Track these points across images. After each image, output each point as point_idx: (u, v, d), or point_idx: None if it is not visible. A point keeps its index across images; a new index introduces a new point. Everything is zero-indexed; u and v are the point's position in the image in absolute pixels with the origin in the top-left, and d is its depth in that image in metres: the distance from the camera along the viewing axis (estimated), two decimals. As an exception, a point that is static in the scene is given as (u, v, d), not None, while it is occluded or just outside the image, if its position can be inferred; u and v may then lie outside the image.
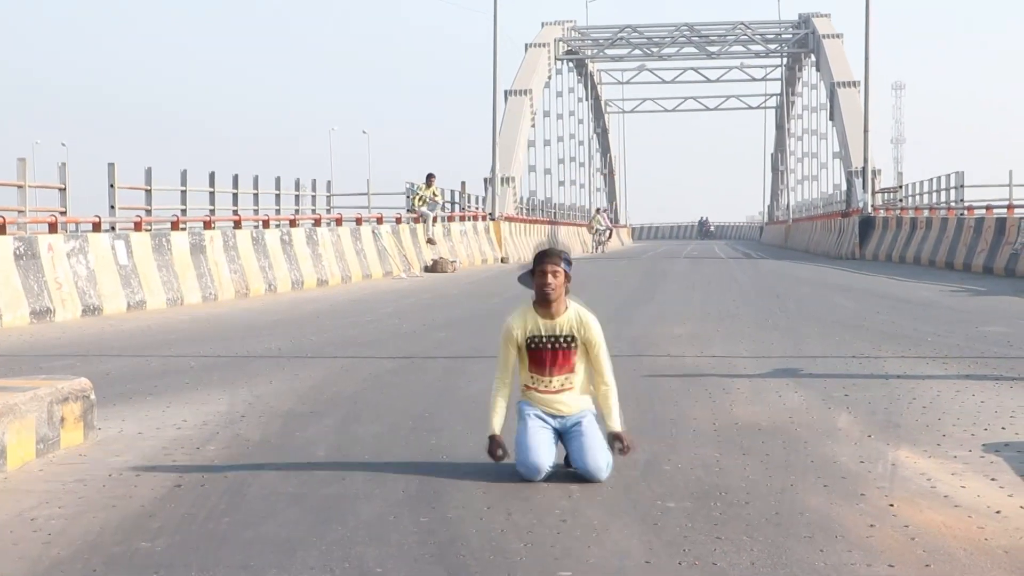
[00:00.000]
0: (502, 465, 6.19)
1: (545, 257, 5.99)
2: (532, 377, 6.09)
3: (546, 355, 6.03)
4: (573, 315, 6.07)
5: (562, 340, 6.03)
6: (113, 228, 20.29)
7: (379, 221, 30.56)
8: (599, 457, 5.86)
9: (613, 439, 6.02)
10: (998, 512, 5.22)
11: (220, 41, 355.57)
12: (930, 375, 9.51)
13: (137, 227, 20.29)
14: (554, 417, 6.04)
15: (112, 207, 21.28)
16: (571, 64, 67.22)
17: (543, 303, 6.04)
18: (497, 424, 6.13)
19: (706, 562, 4.53)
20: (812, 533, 4.91)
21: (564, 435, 6.02)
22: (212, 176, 26.32)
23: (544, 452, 5.88)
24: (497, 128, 45.21)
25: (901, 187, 41.19)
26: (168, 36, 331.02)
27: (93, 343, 13.02)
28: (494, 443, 6.08)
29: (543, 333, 6.04)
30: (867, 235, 37.91)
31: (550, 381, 6.06)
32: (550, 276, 5.97)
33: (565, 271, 6.02)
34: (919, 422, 7.43)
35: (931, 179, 37.08)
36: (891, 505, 5.36)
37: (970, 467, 6.13)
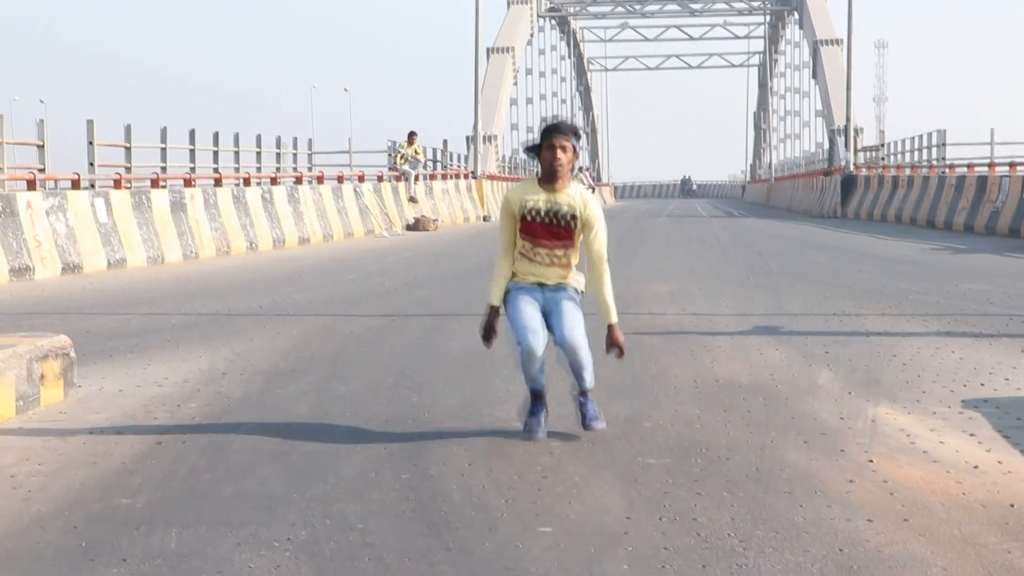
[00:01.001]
0: (483, 422, 6.19)
1: (555, 131, 5.77)
2: (524, 245, 5.88)
3: (541, 227, 5.83)
4: (576, 194, 5.86)
5: (561, 217, 5.82)
6: (93, 186, 20.18)
7: (361, 179, 30.46)
8: (576, 328, 5.79)
9: (609, 342, 5.96)
10: (976, 467, 5.25)
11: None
12: (910, 332, 9.55)
13: (117, 185, 20.17)
14: (540, 288, 5.89)
15: (91, 164, 21.15)
16: (553, 21, 66.92)
17: (550, 178, 5.82)
18: (496, 296, 5.94)
19: (686, 518, 4.55)
20: (792, 489, 4.93)
21: (546, 311, 5.88)
22: (192, 133, 26.14)
23: (538, 322, 5.78)
24: (479, 86, 44.97)
25: (883, 145, 41.22)
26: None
27: (73, 301, 12.97)
28: (492, 314, 5.90)
29: (542, 207, 5.83)
30: (849, 193, 37.95)
31: (542, 254, 5.87)
32: (559, 151, 5.74)
33: (573, 146, 5.80)
34: (899, 379, 7.46)
35: (913, 137, 37.12)
36: (871, 461, 5.38)
37: (949, 423, 6.17)
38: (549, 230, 5.85)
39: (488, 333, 5.94)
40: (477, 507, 4.73)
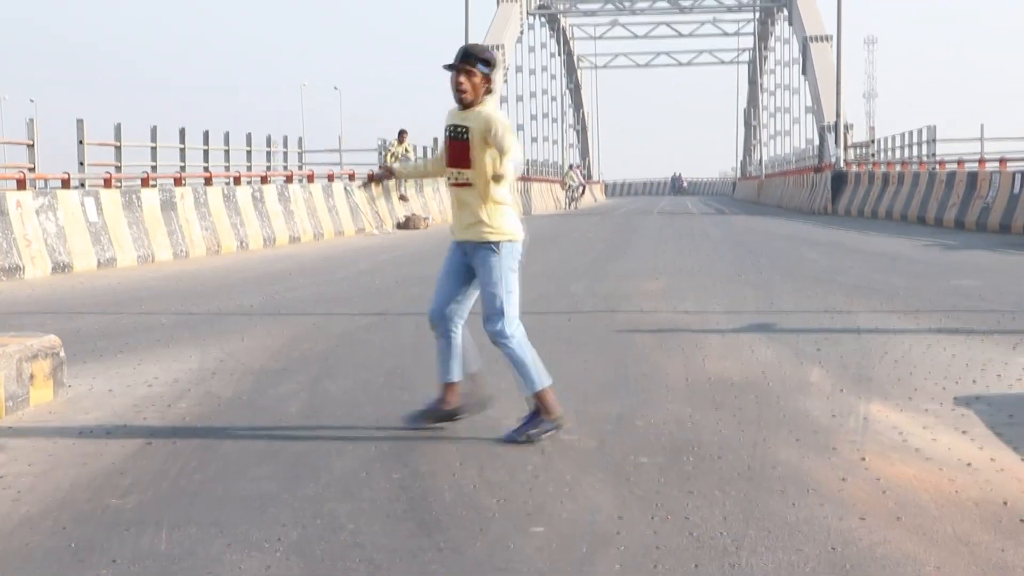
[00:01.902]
0: (475, 421, 6.16)
1: (461, 57, 5.75)
2: (448, 171, 5.90)
3: (448, 144, 5.83)
4: (481, 112, 5.76)
5: (460, 130, 5.77)
6: (83, 185, 20.11)
7: (351, 178, 30.41)
8: (490, 316, 5.74)
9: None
10: (968, 465, 5.25)
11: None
12: (902, 329, 9.55)
13: (107, 184, 20.12)
14: (461, 246, 5.85)
15: (81, 163, 21.07)
16: (543, 19, 66.88)
17: (458, 103, 5.80)
18: (397, 168, 6.42)
19: (678, 517, 4.54)
20: (784, 487, 4.92)
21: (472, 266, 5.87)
22: (183, 132, 26.07)
23: (440, 297, 5.89)
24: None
25: (873, 142, 41.26)
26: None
27: (63, 300, 12.93)
28: (383, 173, 6.40)
29: (449, 123, 5.84)
30: (839, 190, 37.98)
31: (452, 176, 5.83)
32: (462, 77, 5.72)
33: (483, 73, 5.75)
34: (891, 376, 7.46)
35: (903, 134, 37.13)
36: (863, 459, 5.38)
37: (941, 420, 6.16)
38: (452, 146, 5.81)
39: (373, 180, 6.40)
40: (468, 506, 4.71)
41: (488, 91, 5.80)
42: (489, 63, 5.77)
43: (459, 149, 5.78)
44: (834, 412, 6.40)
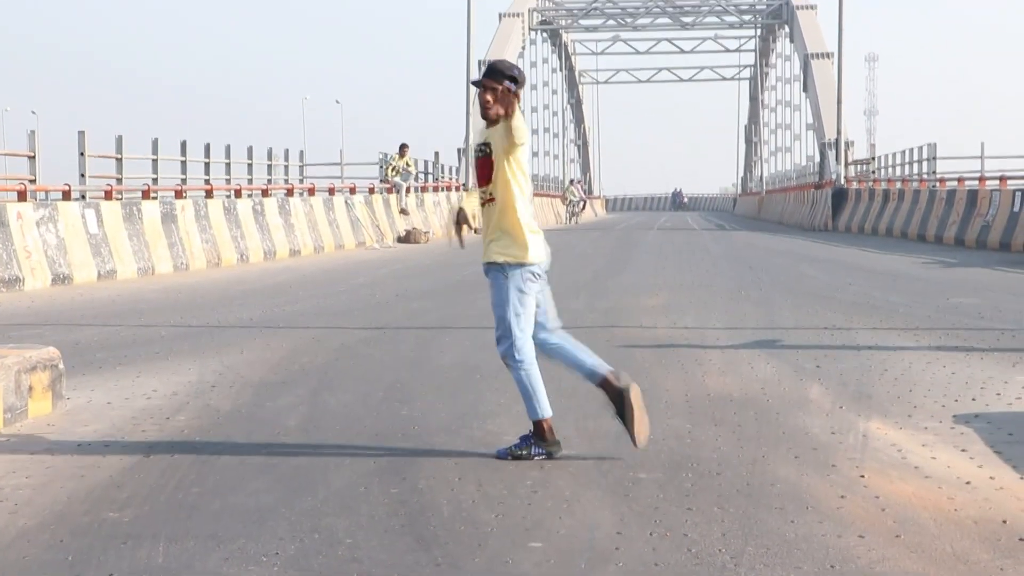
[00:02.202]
0: (473, 435, 6.15)
1: (487, 74, 5.73)
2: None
3: (477, 162, 5.85)
4: (503, 125, 5.72)
5: (485, 148, 5.80)
6: (83, 197, 20.12)
7: (352, 191, 30.43)
8: (500, 338, 5.69)
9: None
10: (968, 483, 5.24)
11: (192, 8, 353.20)
12: (901, 346, 9.54)
13: (108, 196, 20.13)
14: (484, 265, 5.81)
15: (82, 175, 21.08)
16: (545, 34, 66.96)
17: (484, 118, 5.81)
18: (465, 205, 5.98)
19: (677, 533, 4.53)
20: (783, 504, 4.91)
21: None
22: (184, 145, 26.09)
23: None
24: (471, 99, 44.96)
25: (874, 159, 41.28)
26: (140, 3, 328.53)
27: (63, 312, 12.93)
28: (460, 215, 5.93)
29: (478, 141, 5.88)
30: (840, 207, 37.99)
31: (483, 192, 5.82)
32: (488, 94, 5.71)
33: (509, 88, 5.69)
34: (890, 393, 7.45)
35: (903, 151, 37.19)
36: (862, 476, 5.37)
37: (941, 438, 6.15)
38: (478, 164, 5.84)
39: (458, 227, 5.94)
40: (467, 522, 4.70)
41: (515, 108, 5.76)
42: (516, 80, 5.74)
43: (483, 166, 5.81)
44: (833, 429, 6.39)
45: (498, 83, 5.69)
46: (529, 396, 5.72)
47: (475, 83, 5.82)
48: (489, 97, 5.71)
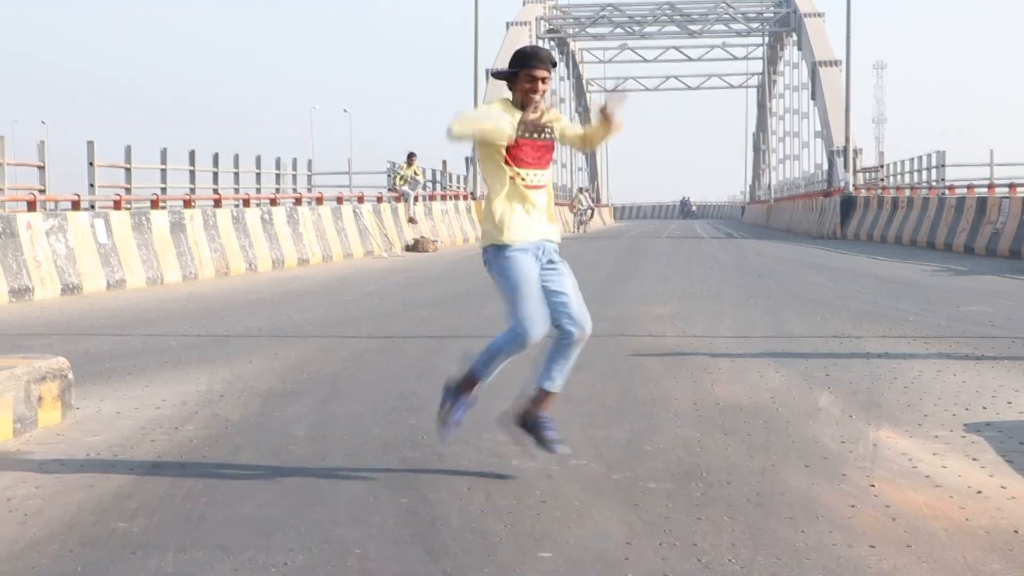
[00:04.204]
0: (482, 445, 6.14)
1: (535, 60, 5.46)
2: (521, 175, 5.49)
3: (533, 146, 5.50)
4: (553, 112, 5.62)
5: (545, 128, 5.54)
6: (92, 207, 20.19)
7: (360, 200, 30.46)
8: (585, 309, 5.50)
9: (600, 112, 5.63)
10: (979, 492, 5.22)
11: (200, 18, 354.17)
12: (911, 355, 9.52)
13: (117, 206, 20.19)
14: (538, 250, 5.48)
15: (91, 185, 21.18)
16: (553, 43, 67.01)
17: (523, 109, 5.50)
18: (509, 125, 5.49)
19: (687, 543, 4.52)
20: (793, 513, 4.89)
21: (542, 272, 5.50)
22: (192, 155, 26.19)
23: (545, 310, 5.42)
24: (479, 104, 45.02)
25: (882, 166, 41.26)
26: (148, 13, 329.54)
27: (72, 322, 12.94)
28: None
29: (527, 122, 5.50)
30: (848, 215, 37.95)
31: (540, 178, 5.53)
32: (540, 83, 5.47)
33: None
34: (900, 402, 7.43)
35: (912, 158, 37.17)
36: (872, 485, 5.35)
37: (951, 447, 6.13)
38: (542, 147, 5.54)
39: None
40: (476, 532, 4.69)
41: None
42: (555, 64, 5.62)
43: (546, 150, 5.55)
44: (843, 438, 6.37)
45: (549, 72, 5.52)
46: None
47: (523, 69, 5.46)
48: (542, 86, 5.49)
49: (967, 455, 5.94)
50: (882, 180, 40.03)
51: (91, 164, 21.15)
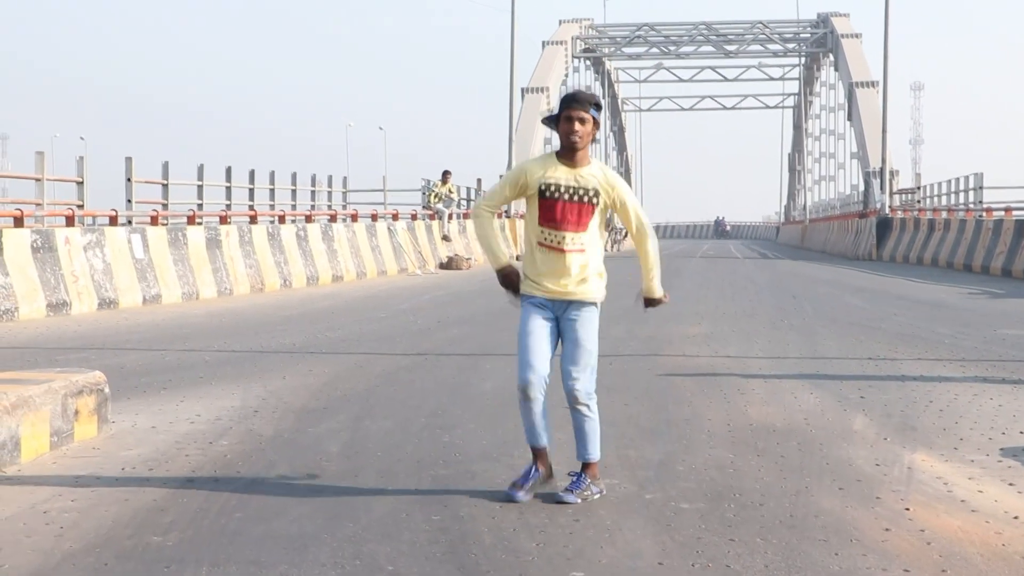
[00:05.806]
0: (514, 464, 6.15)
1: (573, 102, 5.40)
2: (542, 231, 5.49)
3: (561, 207, 5.44)
4: (598, 170, 5.50)
5: (583, 193, 5.45)
6: (130, 222, 20.34)
7: (395, 217, 30.57)
8: (583, 374, 5.50)
9: (647, 303, 5.75)
10: (1016, 518, 5.17)
11: (238, 37, 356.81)
12: (947, 378, 9.45)
13: (153, 221, 20.34)
14: (553, 305, 5.55)
15: (129, 201, 21.33)
16: (588, 62, 67.09)
17: (568, 153, 5.44)
18: (504, 254, 5.72)
19: (719, 564, 4.50)
20: (827, 536, 4.87)
21: (561, 322, 5.56)
22: (228, 171, 26.37)
23: (545, 359, 5.47)
24: (514, 126, 45.18)
25: (919, 188, 41.05)
26: (186, 32, 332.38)
27: (108, 336, 13.04)
28: (508, 270, 5.69)
29: (563, 183, 5.45)
30: (884, 236, 37.77)
31: (562, 237, 5.47)
32: (577, 123, 5.38)
33: (594, 118, 5.43)
34: (936, 425, 7.38)
35: (949, 180, 36.96)
36: (907, 509, 5.31)
37: (987, 472, 6.08)
38: (574, 209, 5.46)
39: (509, 285, 5.72)
40: (508, 550, 4.69)
41: (595, 138, 5.57)
42: (599, 106, 5.52)
43: (582, 213, 5.50)
44: (878, 461, 6.33)
45: (586, 111, 5.43)
46: (597, 434, 5.65)
47: (561, 112, 5.45)
48: (579, 127, 5.41)
49: (1003, 480, 5.90)
50: (918, 202, 39.82)
51: (129, 180, 21.31)
